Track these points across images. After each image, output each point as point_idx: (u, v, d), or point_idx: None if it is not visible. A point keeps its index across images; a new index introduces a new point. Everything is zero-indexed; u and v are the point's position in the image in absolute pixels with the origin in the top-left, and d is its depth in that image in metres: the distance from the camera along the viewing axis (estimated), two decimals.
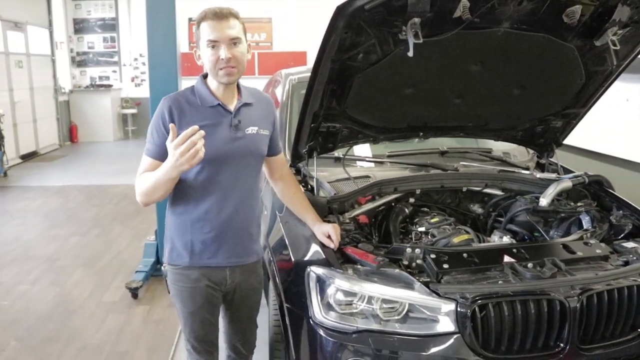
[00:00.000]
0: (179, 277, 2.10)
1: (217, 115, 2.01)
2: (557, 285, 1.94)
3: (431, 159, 3.04)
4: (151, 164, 1.96)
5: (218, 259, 2.08)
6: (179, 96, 2.02)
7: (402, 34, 2.04)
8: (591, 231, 2.47)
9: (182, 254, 2.07)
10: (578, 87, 2.65)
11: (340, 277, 1.97)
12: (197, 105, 2.00)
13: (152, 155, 1.97)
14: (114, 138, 12.16)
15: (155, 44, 4.05)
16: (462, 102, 2.65)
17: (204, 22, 1.94)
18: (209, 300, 2.12)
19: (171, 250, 2.11)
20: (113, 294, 4.12)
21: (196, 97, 2.01)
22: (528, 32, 2.26)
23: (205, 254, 2.07)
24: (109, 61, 12.55)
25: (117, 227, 5.80)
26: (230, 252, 2.10)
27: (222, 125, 2.01)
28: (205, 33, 1.93)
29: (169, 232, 2.13)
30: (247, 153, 2.07)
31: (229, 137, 2.01)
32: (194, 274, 2.08)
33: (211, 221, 2.04)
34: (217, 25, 1.92)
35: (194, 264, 2.07)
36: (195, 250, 2.06)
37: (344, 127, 2.62)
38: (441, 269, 2.02)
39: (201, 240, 2.05)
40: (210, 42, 1.92)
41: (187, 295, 2.10)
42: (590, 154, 4.94)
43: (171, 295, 2.17)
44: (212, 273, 2.10)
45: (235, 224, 2.08)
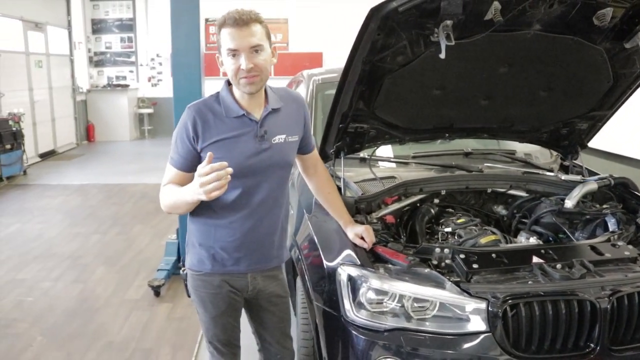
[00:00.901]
0: (201, 283, 2.08)
1: (243, 126, 1.93)
2: (587, 286, 1.95)
3: (455, 160, 3.05)
4: (176, 175, 1.95)
5: (240, 266, 2.05)
6: (203, 106, 1.94)
7: (434, 36, 2.06)
8: (618, 233, 2.47)
9: (204, 261, 2.04)
10: (605, 89, 2.66)
11: (372, 276, 1.99)
12: (221, 115, 1.93)
13: (177, 166, 1.94)
14: (130, 137, 12.26)
15: (179, 44, 4.10)
16: (489, 104, 2.66)
17: (223, 28, 1.84)
18: (231, 305, 2.11)
19: (193, 257, 2.09)
20: (135, 292, 4.17)
21: (221, 106, 1.94)
22: (557, 35, 2.27)
23: (228, 262, 2.04)
24: (126, 61, 12.65)
25: (137, 226, 5.86)
26: (252, 259, 2.07)
27: (248, 136, 1.93)
28: (225, 41, 1.84)
29: (191, 238, 2.10)
30: (273, 164, 1.99)
31: (254, 149, 1.94)
32: (216, 280, 2.05)
33: (235, 231, 2.00)
34: (237, 33, 1.82)
35: (216, 271, 2.05)
36: (217, 257, 2.03)
37: (371, 127, 2.64)
38: (471, 268, 2.04)
39: (224, 249, 2.02)
40: (231, 51, 1.83)
41: (209, 301, 2.08)
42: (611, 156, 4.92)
43: (192, 300, 2.15)
44: (234, 279, 2.07)
45: (259, 233, 2.05)
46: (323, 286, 2.21)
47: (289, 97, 2.11)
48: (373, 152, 2.89)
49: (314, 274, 2.36)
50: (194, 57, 4.11)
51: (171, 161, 1.96)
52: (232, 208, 1.97)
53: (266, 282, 2.14)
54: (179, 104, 4.10)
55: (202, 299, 2.09)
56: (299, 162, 2.26)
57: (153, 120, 12.71)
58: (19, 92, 9.03)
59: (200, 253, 2.05)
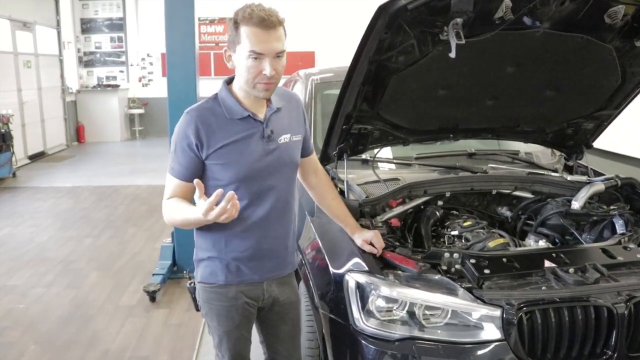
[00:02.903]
0: (215, 295, 1.96)
1: (249, 128, 1.84)
2: (603, 291, 1.90)
3: (459, 161, 3.00)
4: (179, 186, 1.85)
5: (255, 275, 1.96)
6: (203, 109, 1.83)
7: (443, 35, 1.99)
8: (628, 235, 2.42)
9: (217, 273, 1.94)
10: (613, 88, 2.61)
11: (381, 283, 1.93)
12: (224, 118, 1.82)
13: (180, 177, 1.83)
14: (121, 138, 12.18)
15: (174, 43, 4.03)
16: (495, 104, 2.61)
17: (247, 26, 1.68)
18: (245, 317, 2.01)
19: (204, 270, 1.97)
20: (130, 297, 4.08)
21: (222, 108, 1.83)
22: (567, 33, 2.21)
23: (242, 272, 1.94)
24: (116, 61, 12.56)
25: (130, 229, 5.77)
26: (267, 267, 1.98)
27: (254, 138, 1.85)
28: (249, 42, 1.68)
29: (200, 253, 1.98)
30: (282, 164, 1.92)
31: (262, 151, 1.85)
32: (231, 292, 1.95)
33: (248, 239, 1.91)
34: (263, 35, 1.68)
35: (230, 282, 1.94)
36: (231, 268, 1.93)
37: (375, 128, 2.58)
38: (482, 274, 1.98)
39: (238, 259, 1.92)
40: (254, 53, 1.69)
41: (225, 314, 1.97)
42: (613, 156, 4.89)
43: (204, 314, 2.03)
44: (249, 289, 1.97)
45: (272, 239, 1.96)
46: (330, 294, 2.14)
47: (288, 96, 2.05)
48: (376, 153, 2.82)
49: (319, 280, 2.29)
50: (189, 56, 4.03)
51: (172, 171, 1.85)
52: (243, 215, 1.84)
53: (281, 289, 2.06)
54: (174, 105, 4.05)
55: (217, 311, 1.98)
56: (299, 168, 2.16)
57: (144, 121, 12.60)
58: (7, 93, 8.88)
59: (212, 265, 1.95)
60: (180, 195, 1.85)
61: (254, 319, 2.07)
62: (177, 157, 1.82)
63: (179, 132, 1.81)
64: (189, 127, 1.78)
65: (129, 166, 9.17)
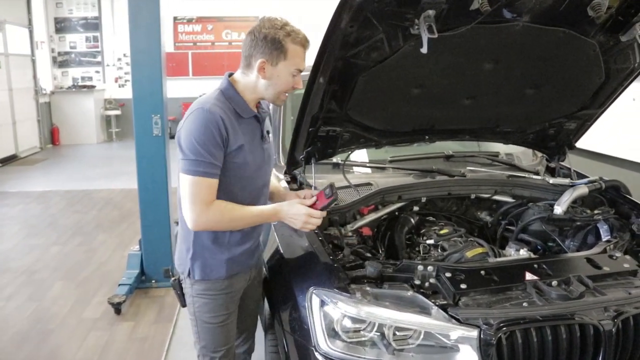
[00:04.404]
0: (211, 285, 2.01)
1: (254, 128, 1.96)
2: (588, 307, 1.75)
3: (436, 164, 2.84)
4: (212, 186, 1.83)
5: (246, 265, 2.09)
6: (220, 107, 1.84)
7: (414, 28, 1.82)
8: (614, 242, 2.28)
9: (218, 269, 2.00)
10: (596, 86, 2.46)
11: (347, 301, 1.75)
12: (237, 116, 1.89)
13: (212, 175, 1.81)
14: (97, 140, 11.92)
15: (139, 43, 3.82)
16: (473, 103, 2.45)
17: (295, 45, 1.84)
18: (237, 305, 2.12)
19: (203, 267, 1.99)
20: (95, 310, 3.86)
21: (233, 106, 1.88)
22: (548, 27, 2.06)
23: (240, 264, 2.05)
24: (92, 61, 12.33)
25: (100, 235, 5.54)
26: (255, 256, 2.15)
27: (257, 138, 1.97)
28: (297, 60, 1.86)
29: (199, 248, 1.98)
30: (269, 165, 2.09)
31: (261, 149, 1.99)
32: (226, 282, 2.02)
33: (248, 234, 2.02)
34: (304, 55, 1.88)
35: (230, 274, 2.02)
36: (232, 262, 2.01)
37: (344, 131, 2.41)
38: (458, 289, 1.82)
39: (239, 253, 2.02)
40: (298, 71, 1.88)
41: (221, 303, 2.03)
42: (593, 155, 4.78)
43: (197, 307, 2.04)
44: (241, 277, 2.08)
45: (259, 231, 2.13)
46: (292, 311, 1.96)
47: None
48: (347, 157, 2.65)
49: (281, 297, 2.11)
50: (155, 55, 3.83)
51: (204, 174, 1.80)
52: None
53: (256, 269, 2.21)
54: (140, 106, 3.90)
55: (213, 303, 2.02)
56: None
57: (121, 122, 12.32)
58: None
59: (212, 261, 1.99)
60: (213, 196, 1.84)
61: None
62: (210, 157, 1.79)
63: (206, 128, 1.78)
64: (216, 121, 1.79)
65: (104, 169, 8.91)
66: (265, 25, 1.84)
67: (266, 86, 1.88)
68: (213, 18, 12.32)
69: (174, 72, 11.78)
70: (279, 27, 1.82)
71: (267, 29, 1.82)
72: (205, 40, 12.38)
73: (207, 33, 12.37)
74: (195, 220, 1.84)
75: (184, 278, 2.05)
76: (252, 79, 1.89)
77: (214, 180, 1.82)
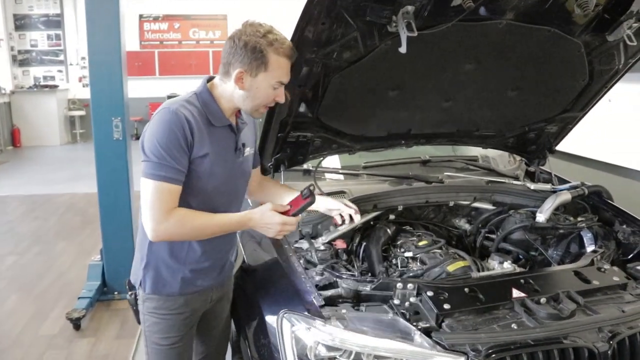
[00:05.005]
0: (163, 303, 1.86)
1: (226, 138, 1.81)
2: (582, 327, 1.62)
3: (412, 170, 2.71)
4: (174, 193, 1.68)
5: (205, 282, 1.92)
6: (188, 109, 1.69)
7: (392, 26, 1.67)
8: (600, 252, 2.17)
9: (171, 285, 1.85)
10: (579, 88, 2.36)
11: (322, 327, 1.58)
12: (207, 123, 1.74)
13: (174, 181, 1.66)
14: (61, 142, 11.59)
15: (97, 42, 3.61)
16: (452, 106, 2.32)
17: (278, 56, 1.67)
18: (190, 327, 1.95)
19: (157, 280, 1.85)
20: (52, 326, 3.61)
21: (205, 112, 1.74)
22: (533, 25, 1.93)
23: (196, 282, 1.88)
24: (54, 60, 11.98)
25: (60, 243, 5.28)
26: (216, 275, 1.96)
27: (229, 149, 1.82)
28: (279, 72, 1.70)
29: (152, 260, 1.84)
30: (244, 178, 1.95)
31: (233, 162, 1.84)
32: (180, 301, 1.87)
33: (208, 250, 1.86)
34: (288, 66, 1.72)
35: (184, 292, 1.87)
36: (187, 279, 1.86)
37: (316, 136, 2.25)
38: (442, 310, 1.67)
39: (195, 270, 1.86)
40: (280, 84, 1.73)
41: (172, 324, 1.88)
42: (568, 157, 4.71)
43: (147, 326, 1.90)
44: (197, 297, 1.92)
45: (224, 250, 1.96)
46: (261, 337, 1.79)
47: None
48: (318, 163, 2.49)
49: (248, 318, 1.94)
50: (114, 55, 3.62)
51: (165, 179, 1.65)
52: None
53: (221, 289, 2.04)
54: (99, 109, 3.70)
55: (165, 322, 1.87)
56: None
57: (85, 123, 11.92)
58: None
59: (166, 275, 1.84)
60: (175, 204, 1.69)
61: (195, 327, 2.00)
62: (173, 160, 1.65)
63: (170, 131, 1.64)
64: (181, 124, 1.65)
65: (67, 172, 8.59)
66: (246, 31, 1.67)
67: (244, 97, 1.74)
68: (180, 16, 12.05)
69: (140, 72, 11.49)
70: (261, 35, 1.65)
71: (248, 36, 1.66)
72: (172, 39, 12.11)
73: (174, 31, 12.10)
74: (155, 230, 1.68)
75: (138, 291, 1.92)
76: (229, 88, 1.75)
77: (176, 187, 1.68)
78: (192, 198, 1.75)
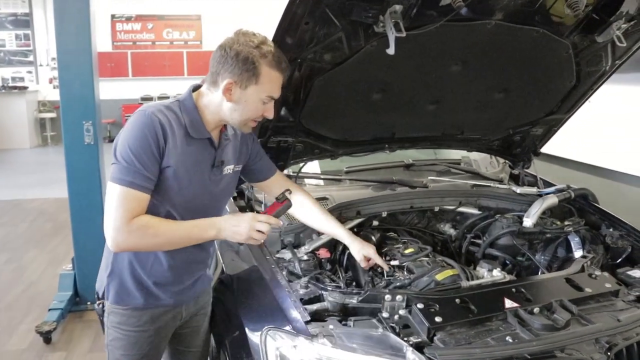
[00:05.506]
0: (126, 319, 1.77)
1: (202, 150, 1.70)
2: (578, 339, 1.57)
3: (395, 174, 2.64)
4: (141, 201, 1.58)
5: (174, 298, 1.81)
6: (165, 115, 1.61)
7: (379, 26, 1.60)
8: (590, 258, 2.13)
9: (135, 294, 1.75)
10: (566, 90, 2.32)
11: (308, 345, 1.50)
12: (184, 132, 1.64)
13: (142, 188, 1.57)
14: (31, 145, 11.31)
15: (66, 42, 3.46)
16: (437, 109, 2.25)
17: (271, 69, 1.59)
18: (156, 346, 1.85)
19: (120, 290, 1.76)
20: (21, 340, 3.44)
21: (185, 121, 1.64)
22: (522, 26, 1.88)
23: (163, 294, 1.78)
24: (23, 61, 11.72)
25: (31, 251, 5.09)
26: (188, 287, 1.85)
27: (205, 164, 1.71)
28: (271, 86, 1.62)
29: (117, 268, 1.76)
30: (220, 196, 1.82)
31: (208, 179, 1.73)
32: (144, 317, 1.78)
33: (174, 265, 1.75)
34: (281, 81, 1.64)
35: (149, 305, 1.77)
36: (152, 290, 1.76)
37: (297, 141, 2.18)
38: (433, 323, 1.60)
39: (160, 281, 1.76)
40: (270, 99, 1.65)
41: (134, 342, 1.79)
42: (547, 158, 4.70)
43: (110, 340, 1.81)
44: (164, 315, 1.81)
45: (195, 264, 1.85)
46: (243, 355, 1.69)
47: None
48: (300, 169, 2.41)
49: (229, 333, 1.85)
50: (84, 55, 3.47)
51: (132, 185, 1.55)
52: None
53: (198, 305, 1.95)
54: (69, 112, 3.55)
55: (126, 339, 1.79)
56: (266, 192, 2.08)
57: (56, 126, 11.65)
58: None
59: (129, 285, 1.75)
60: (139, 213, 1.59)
61: (164, 348, 1.93)
62: (142, 167, 1.56)
63: (142, 135, 1.56)
64: (155, 128, 1.56)
65: (38, 176, 8.36)
66: (239, 40, 1.58)
67: (231, 110, 1.65)
68: (153, 16, 11.86)
69: (113, 73, 11.30)
70: (254, 46, 1.57)
71: (241, 46, 1.57)
72: (145, 40, 11.92)
73: (147, 32, 11.91)
74: (114, 238, 1.59)
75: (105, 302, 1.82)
76: (216, 99, 1.65)
77: (142, 195, 1.58)
78: (162, 210, 1.66)
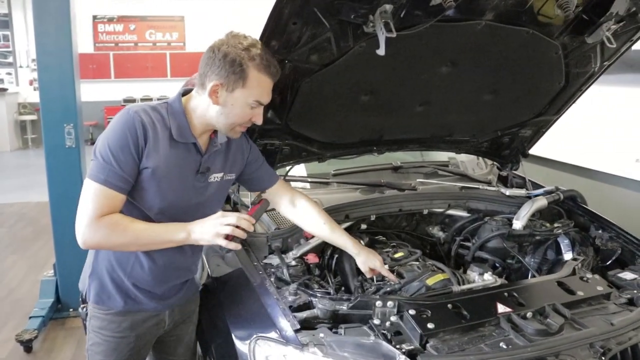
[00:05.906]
0: (107, 324, 1.74)
1: (186, 155, 1.65)
2: (572, 344, 1.54)
3: (383, 176, 2.62)
4: (114, 199, 1.54)
5: (156, 304, 1.78)
6: (152, 113, 1.59)
7: (369, 26, 1.56)
8: (581, 260, 2.11)
9: (115, 297, 1.72)
10: (555, 91, 2.31)
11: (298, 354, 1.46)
12: (168, 135, 1.60)
13: (116, 188, 1.53)
14: (11, 148, 11.13)
15: (46, 43, 3.40)
16: (426, 110, 2.22)
17: (260, 73, 1.55)
18: (137, 353, 1.81)
19: (101, 291, 1.73)
20: (0, 349, 3.36)
21: (170, 124, 1.60)
22: (512, 26, 1.86)
23: (144, 298, 1.74)
24: (3, 62, 11.56)
25: (10, 257, 5.00)
26: (171, 294, 1.81)
27: (188, 169, 1.66)
28: (258, 90, 1.58)
29: (99, 269, 1.73)
30: (208, 205, 1.74)
31: (191, 185, 1.68)
32: (125, 323, 1.74)
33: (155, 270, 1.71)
34: (270, 86, 1.60)
35: (130, 310, 1.74)
36: (132, 293, 1.73)
37: (284, 144, 2.14)
38: (425, 330, 1.56)
39: (140, 284, 1.72)
40: (259, 104, 1.61)
41: (114, 347, 1.76)
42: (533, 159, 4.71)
43: (90, 344, 1.78)
44: (145, 322, 1.78)
45: (180, 270, 1.81)
46: None
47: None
48: (287, 172, 2.37)
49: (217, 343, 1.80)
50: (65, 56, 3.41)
51: (103, 182, 1.52)
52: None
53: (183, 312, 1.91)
54: (49, 115, 3.48)
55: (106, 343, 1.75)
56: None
57: (37, 128, 11.44)
58: None
59: (110, 287, 1.72)
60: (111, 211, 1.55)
61: (146, 355, 1.89)
62: (114, 162, 1.52)
63: (122, 132, 1.53)
64: (135, 127, 1.53)
65: (18, 180, 8.22)
66: (228, 42, 1.54)
67: (218, 113, 1.61)
68: (136, 17, 11.74)
69: (95, 75, 11.17)
70: (243, 48, 1.53)
71: (229, 47, 1.53)
72: (127, 41, 11.80)
73: (129, 33, 11.79)
74: (82, 234, 1.54)
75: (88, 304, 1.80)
76: (203, 102, 1.62)
77: (116, 194, 1.54)
78: (139, 213, 1.62)
